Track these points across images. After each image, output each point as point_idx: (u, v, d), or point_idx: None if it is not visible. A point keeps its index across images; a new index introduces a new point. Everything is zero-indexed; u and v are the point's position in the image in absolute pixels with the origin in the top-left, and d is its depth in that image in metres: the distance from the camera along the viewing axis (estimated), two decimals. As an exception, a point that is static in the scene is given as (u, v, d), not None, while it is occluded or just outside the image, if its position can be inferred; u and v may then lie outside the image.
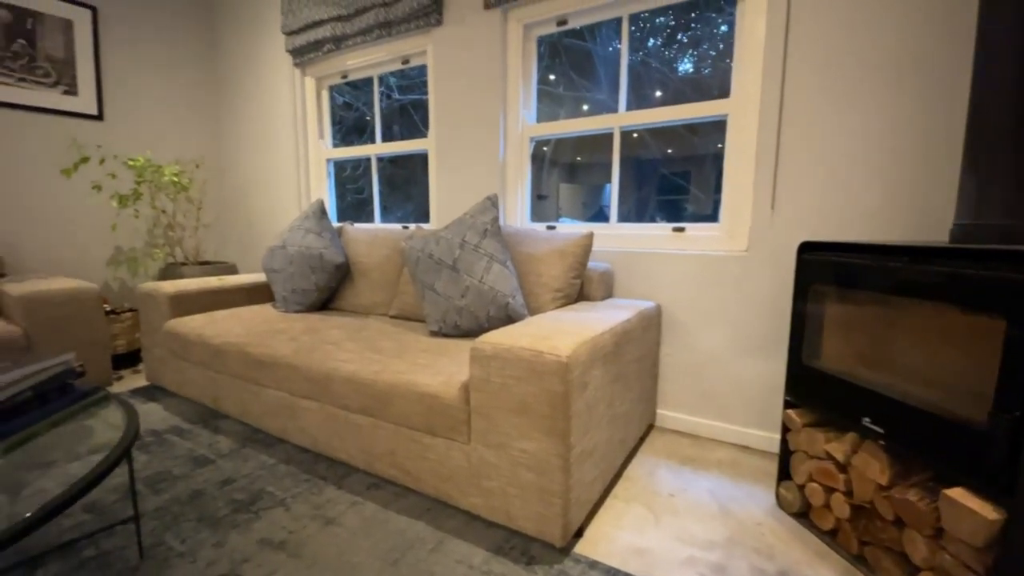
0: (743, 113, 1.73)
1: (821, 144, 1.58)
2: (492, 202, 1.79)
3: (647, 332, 1.69)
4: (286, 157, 3.03)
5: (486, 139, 2.25)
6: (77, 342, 2.13)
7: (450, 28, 2.28)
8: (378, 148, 2.73)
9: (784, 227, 1.66)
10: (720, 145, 1.81)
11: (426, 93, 2.44)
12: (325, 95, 2.94)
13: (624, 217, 2.09)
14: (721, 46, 2.07)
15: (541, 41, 2.20)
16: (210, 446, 1.72)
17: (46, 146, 2.63)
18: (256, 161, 3.20)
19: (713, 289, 1.80)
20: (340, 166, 3.10)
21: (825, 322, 1.33)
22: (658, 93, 2.25)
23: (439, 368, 1.40)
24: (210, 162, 3.36)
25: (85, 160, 2.48)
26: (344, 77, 2.81)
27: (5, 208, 2.51)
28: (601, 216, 3.33)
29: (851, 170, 1.54)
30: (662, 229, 1.93)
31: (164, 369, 2.16)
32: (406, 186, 4.42)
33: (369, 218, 2.92)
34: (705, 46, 2.20)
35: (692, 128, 2.46)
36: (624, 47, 1.99)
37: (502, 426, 1.19)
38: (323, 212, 2.34)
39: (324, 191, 3.01)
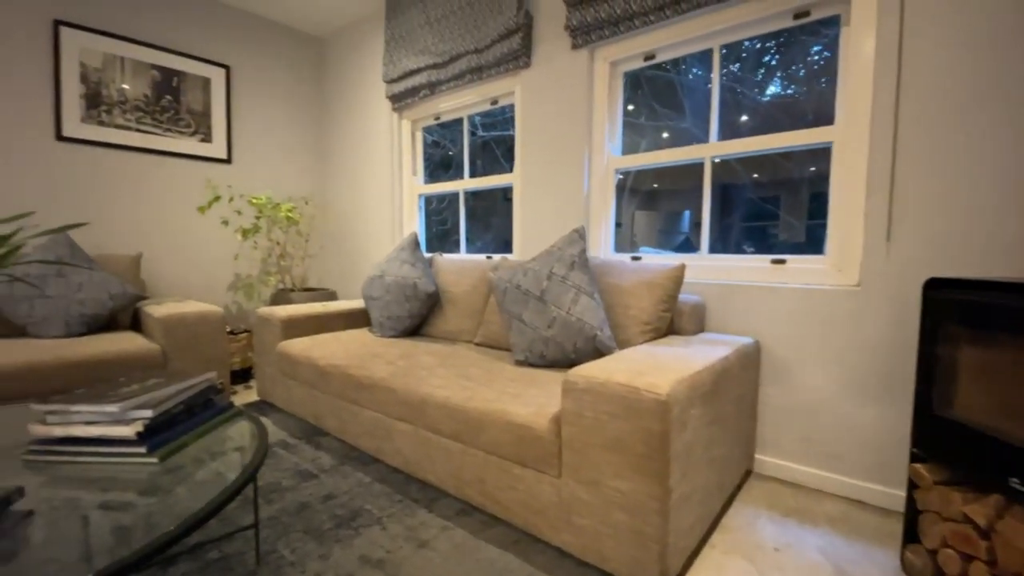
0: (851, 139, 1.63)
1: (944, 171, 1.45)
2: (579, 234, 1.81)
3: (746, 370, 1.61)
4: (382, 193, 3.28)
5: (570, 172, 2.29)
6: (203, 359, 2.41)
7: (538, 69, 2.39)
8: (467, 183, 2.88)
9: (902, 260, 1.52)
10: (813, 168, 1.71)
11: (508, 129, 2.55)
12: (419, 136, 3.17)
13: (710, 246, 2.02)
14: (815, 68, 1.98)
15: (626, 75, 2.24)
16: (313, 461, 1.86)
17: (185, 186, 3.06)
18: (355, 197, 3.49)
19: (820, 326, 1.67)
20: (427, 199, 3.29)
21: (960, 367, 1.19)
22: (744, 118, 2.18)
23: (529, 398, 1.42)
24: (316, 198, 3.72)
25: (217, 199, 2.85)
26: (436, 119, 3.02)
27: (152, 239, 2.94)
28: (686, 246, 3.23)
29: (982, 198, 1.39)
30: (760, 261, 1.84)
31: (274, 386, 2.37)
32: (486, 217, 4.58)
33: (451, 247, 3.06)
34: (795, 67, 2.11)
35: (784, 152, 2.35)
36: (715, 77, 1.96)
37: (595, 462, 1.17)
38: (417, 244, 2.49)
39: (415, 224, 3.20)
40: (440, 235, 3.87)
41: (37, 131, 2.56)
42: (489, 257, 2.74)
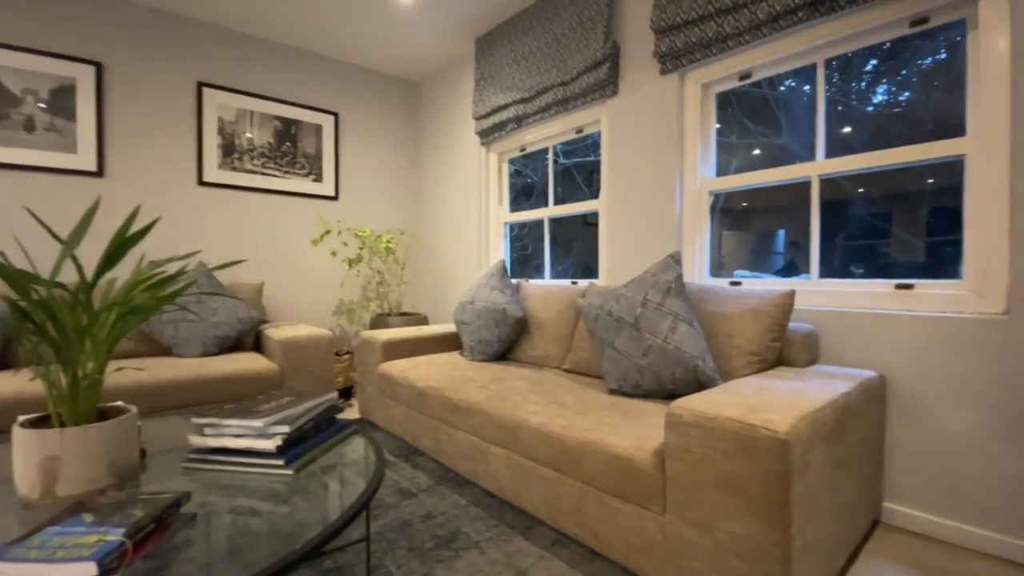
0: (987, 151, 1.46)
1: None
2: (675, 259, 1.77)
3: (870, 408, 1.46)
4: (470, 222, 3.43)
5: (661, 196, 2.26)
6: (313, 378, 2.62)
7: (625, 97, 2.40)
8: (551, 211, 2.93)
9: (1068, 285, 1.32)
10: (932, 180, 1.54)
11: (589, 156, 2.57)
12: (505, 167, 3.29)
13: (809, 266, 1.88)
14: (931, 74, 1.81)
15: (717, 95, 2.18)
16: (411, 480, 1.94)
17: (300, 221, 3.40)
18: (445, 227, 3.68)
19: (959, 359, 1.48)
20: (510, 226, 3.38)
21: None
22: (847, 129, 2.03)
23: (628, 430, 1.39)
24: (410, 228, 3.98)
25: (328, 232, 3.15)
26: (522, 150, 3.12)
27: (271, 269, 3.29)
28: (789, 269, 3.03)
29: None
30: (881, 286, 1.69)
31: (374, 405, 2.53)
32: (567, 242, 4.60)
33: (532, 272, 3.11)
34: (905, 74, 1.93)
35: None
36: (820, 92, 1.86)
37: (704, 502, 1.12)
38: (504, 270, 2.57)
39: (501, 250, 3.30)
40: (521, 260, 3.94)
41: (184, 177, 3.00)
42: (574, 282, 2.75)
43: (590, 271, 4.00)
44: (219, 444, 1.10)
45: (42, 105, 2.60)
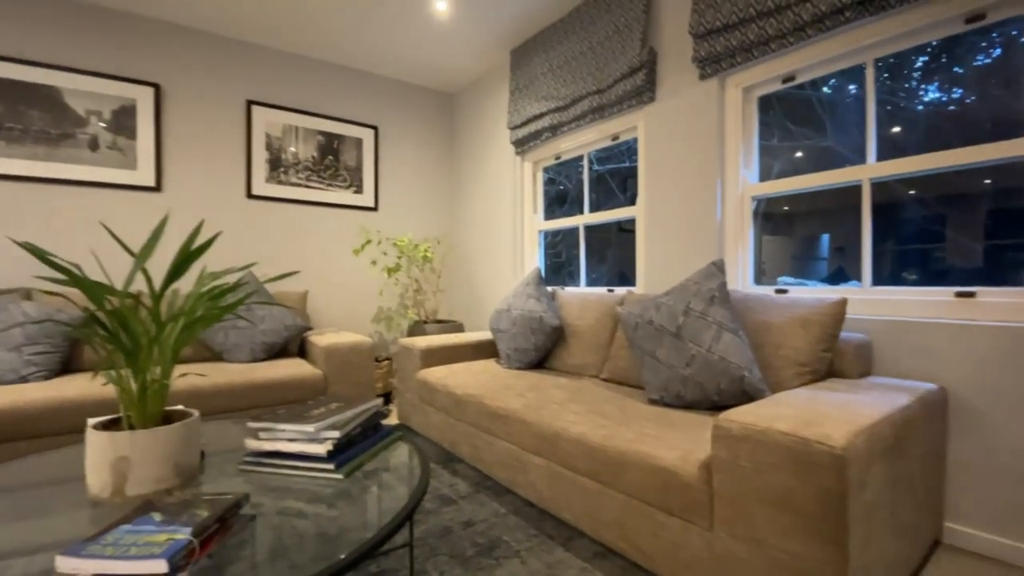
0: (1063, 150, 1.37)
1: None
2: (718, 267, 1.73)
3: (931, 423, 1.38)
4: (505, 231, 3.45)
5: (701, 202, 2.22)
6: (354, 384, 2.69)
7: (662, 103, 2.38)
8: (587, 218, 2.92)
9: None
10: (989, 181, 1.46)
11: (623, 162, 2.55)
12: (539, 175, 3.31)
13: (860, 273, 1.80)
14: (987, 72, 1.71)
15: (760, 99, 2.14)
16: (451, 487, 1.95)
17: (341, 231, 3.51)
18: (480, 235, 3.72)
19: (1031, 373, 1.39)
20: (544, 234, 3.39)
21: None
22: (896, 129, 1.94)
23: (671, 441, 1.37)
24: (445, 237, 4.04)
25: (369, 242, 3.24)
26: (557, 158, 3.13)
27: (316, 277, 3.40)
28: (837, 276, 2.92)
29: None
30: (939, 294, 1.60)
31: (412, 411, 2.57)
32: (601, 249, 4.56)
33: (565, 280, 3.11)
34: (958, 71, 1.83)
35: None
36: (870, 93, 1.79)
37: (755, 519, 1.08)
38: (540, 279, 2.57)
39: (535, 258, 3.31)
40: (555, 268, 3.93)
41: (234, 191, 3.14)
42: (610, 290, 2.73)
43: (625, 279, 3.94)
44: (273, 448, 1.15)
45: (103, 125, 2.78)
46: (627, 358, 2.10)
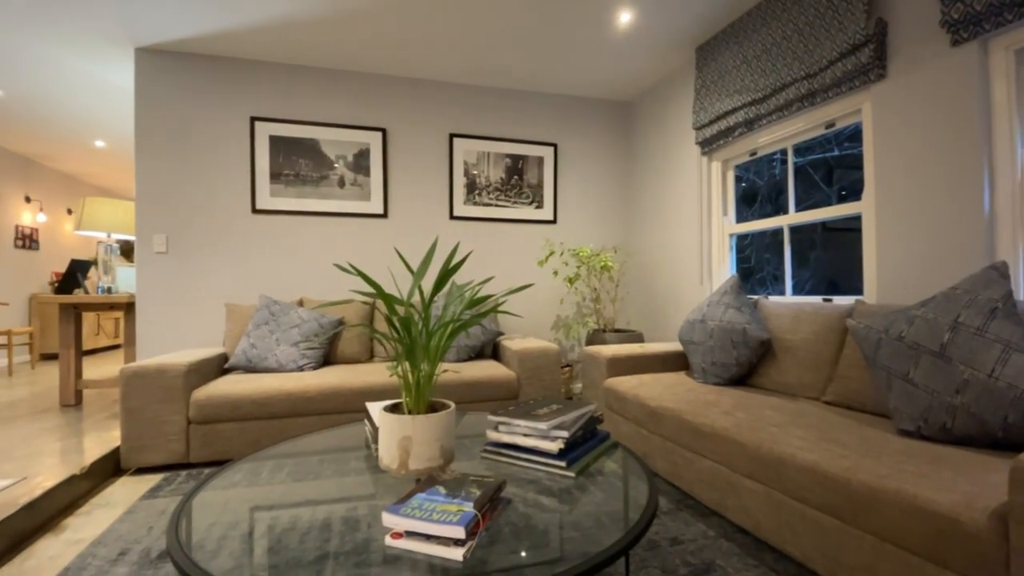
0: None
1: None
2: (1000, 272, 1.40)
3: None
4: (690, 236, 3.30)
5: (956, 192, 1.82)
6: (543, 386, 2.84)
7: (896, 79, 2.02)
8: (792, 218, 2.62)
9: None
10: None
11: (829, 151, 2.21)
12: (730, 175, 3.09)
13: None
14: None
15: (1058, 58, 1.67)
16: (650, 500, 1.93)
17: (524, 244, 3.76)
18: (660, 242, 3.62)
19: None
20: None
21: None
22: None
23: (942, 482, 1.14)
24: (623, 246, 4.03)
25: (552, 253, 3.41)
26: (753, 154, 2.89)
27: (504, 287, 3.70)
28: None
29: None
30: None
31: (601, 420, 2.60)
32: (801, 252, 4.04)
33: (755, 287, 2.81)
34: None
35: None
36: None
37: (1100, 594, 0.84)
38: (740, 287, 2.39)
39: (725, 265, 3.08)
40: (743, 274, 3.60)
41: (440, 212, 3.61)
42: (827, 299, 2.40)
43: (834, 286, 3.46)
44: (511, 440, 1.28)
45: (347, 166, 3.45)
46: (861, 379, 1.82)
